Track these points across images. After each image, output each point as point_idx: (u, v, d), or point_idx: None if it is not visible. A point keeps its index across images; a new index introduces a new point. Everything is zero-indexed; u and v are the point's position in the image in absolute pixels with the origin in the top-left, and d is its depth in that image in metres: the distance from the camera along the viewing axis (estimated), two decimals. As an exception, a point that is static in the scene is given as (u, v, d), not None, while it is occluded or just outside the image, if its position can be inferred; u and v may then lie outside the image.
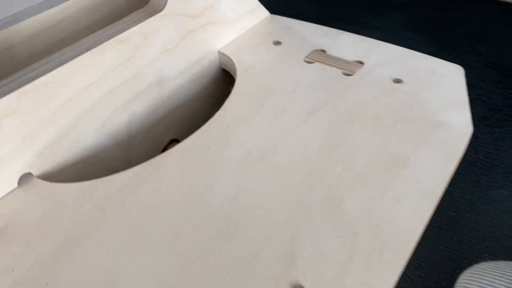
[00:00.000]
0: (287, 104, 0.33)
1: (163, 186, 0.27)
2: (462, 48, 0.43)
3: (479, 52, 0.58)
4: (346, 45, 0.39)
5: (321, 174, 0.27)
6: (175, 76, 0.36)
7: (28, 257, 0.23)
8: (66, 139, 0.29)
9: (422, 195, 0.26)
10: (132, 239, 0.24)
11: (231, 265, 0.23)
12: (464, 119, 0.31)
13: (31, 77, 0.27)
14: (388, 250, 0.23)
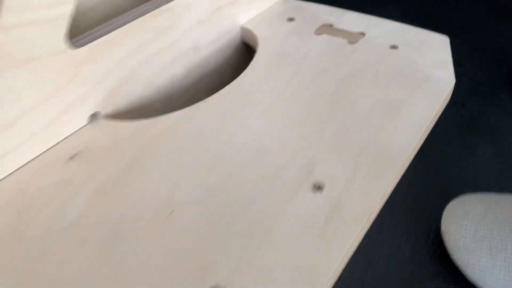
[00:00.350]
0: (301, 67, 0.40)
1: (202, 126, 0.33)
2: (452, 34, 0.49)
3: (467, 38, 0.65)
4: (350, 21, 0.46)
5: (332, 114, 0.34)
6: (206, 45, 0.43)
7: (102, 172, 0.30)
8: (123, 88, 0.36)
9: (414, 125, 0.33)
10: (182, 162, 0.30)
11: (263, 175, 0.29)
12: (448, 74, 0.38)
13: (99, 34, 0.33)
14: (387, 161, 0.30)
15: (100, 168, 0.30)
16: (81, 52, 0.31)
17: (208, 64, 0.44)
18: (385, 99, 0.35)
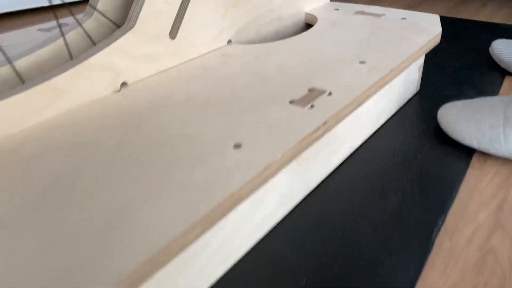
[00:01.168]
0: (347, 27, 0.65)
1: (290, 46, 0.58)
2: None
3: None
4: (374, 9, 0.72)
5: (365, 42, 0.58)
6: (286, 19, 0.69)
7: (241, 58, 0.54)
8: (246, 28, 0.61)
9: (415, 46, 0.57)
10: (290, 56, 0.55)
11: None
12: (437, 28, 0.62)
13: (235, -2, 0.59)
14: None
15: (237, 58, 0.54)
16: (230, 1, 0.57)
17: (284, 33, 0.70)
18: (401, 36, 0.60)
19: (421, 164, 0.52)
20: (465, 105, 0.56)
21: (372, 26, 0.64)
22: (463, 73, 0.75)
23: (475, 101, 0.56)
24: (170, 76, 0.49)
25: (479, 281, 0.37)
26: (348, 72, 0.49)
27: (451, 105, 0.57)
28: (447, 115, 0.56)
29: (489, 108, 0.53)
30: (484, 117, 0.53)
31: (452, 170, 0.51)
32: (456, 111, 0.56)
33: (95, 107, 0.42)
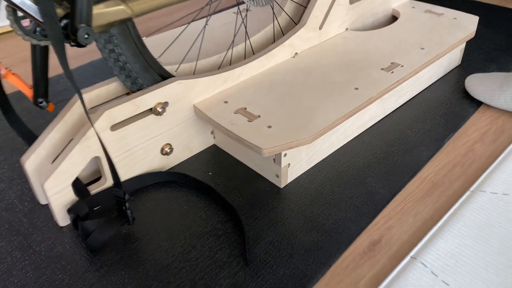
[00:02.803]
0: (416, 23, 1.06)
1: (383, 35, 1.00)
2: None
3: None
4: (439, 9, 1.11)
5: (431, 29, 1.00)
6: (380, 13, 1.10)
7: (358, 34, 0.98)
8: (359, 19, 1.04)
9: (460, 37, 0.97)
10: (390, 40, 0.98)
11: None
12: (473, 27, 1.02)
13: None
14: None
15: (351, 40, 0.98)
16: (350, 6, 1.00)
17: (379, 21, 1.12)
18: (449, 31, 1.00)
19: (449, 106, 0.95)
20: (482, 76, 0.97)
21: (432, 23, 1.04)
22: (493, 53, 1.14)
23: (488, 74, 0.97)
24: (317, 49, 0.94)
25: (463, 160, 0.81)
26: (413, 53, 0.92)
27: (473, 76, 0.98)
28: (469, 82, 0.98)
29: (494, 79, 0.94)
30: (489, 83, 0.94)
31: (467, 112, 0.93)
32: (475, 79, 0.97)
33: (286, 64, 0.89)
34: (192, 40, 0.97)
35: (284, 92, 0.80)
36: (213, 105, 0.77)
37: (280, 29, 0.96)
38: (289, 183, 0.76)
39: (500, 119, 0.92)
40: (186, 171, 0.80)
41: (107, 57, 0.67)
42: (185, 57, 0.84)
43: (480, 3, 1.44)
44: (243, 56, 0.93)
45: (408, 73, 0.86)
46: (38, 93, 0.69)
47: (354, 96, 0.79)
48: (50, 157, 0.69)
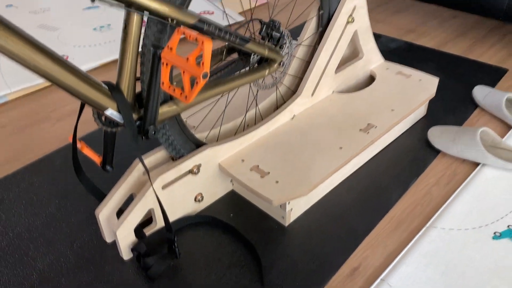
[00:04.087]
0: (389, 85, 1.32)
1: (361, 96, 1.27)
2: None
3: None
4: (408, 71, 1.38)
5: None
6: (361, 75, 1.37)
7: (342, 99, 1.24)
8: (340, 85, 1.30)
9: (418, 100, 1.24)
10: (369, 102, 1.24)
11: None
12: (434, 88, 1.28)
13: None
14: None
15: (336, 102, 1.24)
16: (338, 78, 1.26)
17: (360, 82, 1.38)
18: (416, 92, 1.26)
19: (415, 154, 1.21)
20: (440, 129, 1.24)
21: (402, 84, 1.31)
22: (452, 104, 1.41)
23: (445, 127, 1.24)
24: (310, 111, 1.20)
25: (423, 201, 1.08)
26: (385, 115, 1.18)
27: (433, 128, 1.25)
28: (430, 133, 1.24)
29: (449, 132, 1.21)
30: (445, 136, 1.21)
31: (428, 159, 1.20)
32: (435, 132, 1.24)
33: (285, 125, 1.15)
34: (216, 107, 1.23)
35: (286, 151, 1.06)
36: (234, 163, 1.02)
37: (281, 95, 1.22)
38: (291, 222, 1.02)
39: (453, 165, 1.19)
40: (213, 213, 1.05)
41: (160, 138, 0.92)
42: (213, 127, 1.10)
43: (443, 53, 1.71)
44: (254, 121, 1.18)
45: (381, 133, 1.12)
46: (106, 161, 0.94)
47: (339, 154, 1.05)
48: (116, 209, 0.94)
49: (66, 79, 0.70)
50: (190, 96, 0.70)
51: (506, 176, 1.12)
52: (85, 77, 0.73)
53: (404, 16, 2.04)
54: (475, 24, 1.92)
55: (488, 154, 1.13)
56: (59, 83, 0.69)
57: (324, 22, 1.17)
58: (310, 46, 1.21)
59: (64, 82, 0.70)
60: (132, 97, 0.83)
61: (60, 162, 1.24)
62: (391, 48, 1.75)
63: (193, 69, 0.68)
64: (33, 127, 1.40)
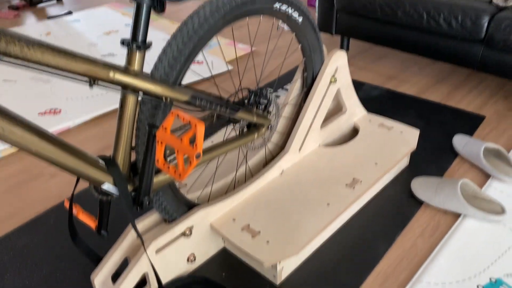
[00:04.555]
0: (372, 138, 1.38)
1: (345, 150, 1.32)
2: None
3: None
4: (389, 123, 1.44)
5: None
6: (345, 128, 1.42)
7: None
8: (327, 139, 1.36)
9: (402, 151, 1.30)
10: (353, 159, 1.29)
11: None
12: (415, 141, 1.34)
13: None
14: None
15: (323, 156, 1.29)
16: (324, 135, 1.32)
17: (344, 134, 1.43)
18: (397, 144, 1.32)
19: (399, 206, 1.26)
20: (422, 180, 1.29)
21: (384, 137, 1.37)
22: (434, 154, 1.47)
23: (427, 178, 1.29)
24: (298, 166, 1.25)
25: (408, 254, 1.12)
26: (369, 169, 1.23)
27: (416, 180, 1.30)
28: (413, 185, 1.29)
29: (431, 183, 1.26)
30: (428, 187, 1.26)
31: (412, 210, 1.24)
32: (417, 183, 1.29)
33: (274, 181, 1.19)
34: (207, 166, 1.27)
35: (276, 208, 1.09)
36: (225, 223, 1.06)
37: (270, 151, 1.27)
38: (283, 280, 1.05)
39: (437, 216, 1.23)
40: (206, 273, 1.07)
41: (153, 204, 0.95)
42: (204, 187, 1.13)
43: (423, 100, 1.79)
44: (244, 177, 1.23)
45: (366, 188, 1.17)
46: (101, 226, 0.97)
47: (327, 211, 1.09)
48: (111, 273, 0.96)
49: (66, 160, 0.73)
50: (184, 175, 0.74)
51: (487, 227, 1.17)
52: (83, 156, 0.77)
53: (385, 62, 2.13)
54: (453, 70, 2.02)
55: (468, 205, 1.18)
56: (59, 164, 0.73)
57: (308, 82, 1.23)
58: (296, 105, 1.27)
59: (65, 163, 0.74)
60: (128, 168, 0.87)
61: (54, 221, 1.26)
62: (373, 96, 1.83)
63: (186, 149, 0.72)
64: (27, 184, 1.42)
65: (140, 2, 0.75)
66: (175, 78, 0.84)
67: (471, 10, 1.56)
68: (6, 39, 0.61)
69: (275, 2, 0.97)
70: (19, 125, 0.67)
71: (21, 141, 0.67)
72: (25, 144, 0.68)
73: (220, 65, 2.12)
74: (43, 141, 0.70)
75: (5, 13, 2.84)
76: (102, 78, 0.73)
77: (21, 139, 0.67)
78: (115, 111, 1.79)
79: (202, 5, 0.87)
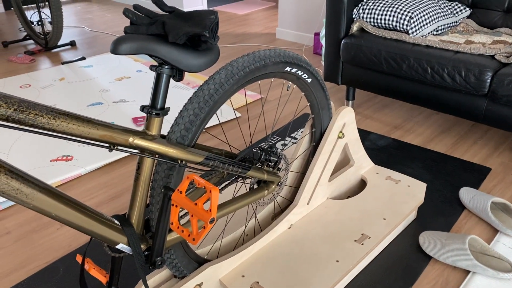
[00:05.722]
0: (379, 191, 1.39)
1: (355, 205, 1.34)
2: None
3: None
4: (396, 176, 1.46)
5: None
6: (353, 180, 1.44)
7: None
8: (333, 193, 1.38)
9: (409, 206, 1.31)
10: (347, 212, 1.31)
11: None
12: (422, 195, 1.36)
13: (330, 178, 1.36)
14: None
15: (331, 209, 1.30)
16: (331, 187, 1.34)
17: (351, 187, 1.45)
18: (405, 198, 1.34)
19: (407, 261, 1.26)
20: (430, 234, 1.29)
21: (392, 190, 1.38)
22: (441, 206, 1.48)
23: (435, 233, 1.29)
24: (306, 219, 1.26)
25: (416, 312, 1.11)
26: (378, 224, 1.24)
27: (424, 234, 1.31)
28: (421, 239, 1.30)
29: (439, 239, 1.27)
30: (436, 242, 1.26)
31: (421, 265, 1.24)
32: (426, 237, 1.29)
33: (283, 235, 1.20)
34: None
35: (285, 265, 1.10)
36: (234, 280, 1.06)
37: (278, 204, 1.29)
38: None
39: (445, 272, 1.23)
40: (214, 330, 1.07)
41: (166, 261, 0.97)
42: (214, 243, 1.15)
43: (429, 151, 1.81)
44: (253, 231, 1.24)
45: (375, 243, 1.18)
46: (112, 282, 0.98)
47: (336, 268, 1.09)
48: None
49: (84, 223, 0.76)
50: (198, 239, 0.76)
51: (497, 284, 1.16)
52: (99, 217, 0.79)
53: (390, 111, 2.17)
54: (457, 120, 2.06)
55: (477, 263, 1.18)
56: (77, 227, 0.75)
57: (316, 137, 1.27)
58: (304, 159, 1.30)
59: (82, 226, 0.76)
60: (142, 226, 0.89)
61: (63, 271, 1.26)
62: (380, 146, 1.86)
63: (201, 214, 0.74)
64: (38, 233, 1.43)
65: (160, 72, 0.79)
66: (190, 140, 0.87)
67: (475, 66, 1.61)
68: (36, 112, 0.64)
69: (286, 66, 1.01)
70: (42, 192, 0.69)
71: (44, 207, 0.70)
72: (47, 210, 0.70)
73: (228, 113, 2.16)
74: (63, 205, 0.72)
75: (21, 58, 2.94)
76: (122, 143, 0.76)
77: (44, 205, 0.69)
78: (125, 159, 1.82)
79: (217, 71, 0.92)
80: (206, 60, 0.80)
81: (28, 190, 0.67)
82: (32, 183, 0.68)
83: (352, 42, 1.92)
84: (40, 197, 0.69)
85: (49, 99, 2.34)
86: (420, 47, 1.76)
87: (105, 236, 0.80)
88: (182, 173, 0.89)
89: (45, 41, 3.10)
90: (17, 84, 2.56)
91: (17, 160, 1.78)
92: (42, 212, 0.70)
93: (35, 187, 0.68)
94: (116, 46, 0.72)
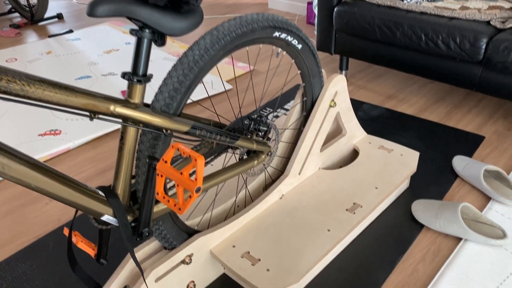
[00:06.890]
0: (372, 161, 1.38)
1: (349, 171, 1.32)
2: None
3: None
4: (389, 145, 1.44)
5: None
6: (345, 150, 1.43)
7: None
8: (326, 162, 1.36)
9: (402, 171, 1.30)
10: (352, 177, 1.29)
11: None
12: (415, 164, 1.34)
13: (322, 148, 1.34)
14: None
15: (323, 179, 1.29)
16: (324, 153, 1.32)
17: (344, 157, 1.44)
18: (397, 168, 1.32)
19: (399, 230, 1.25)
20: (423, 203, 1.29)
21: (385, 160, 1.37)
22: (433, 175, 1.47)
23: (428, 201, 1.29)
24: (298, 189, 1.25)
25: (409, 280, 1.11)
26: (370, 193, 1.23)
27: (416, 203, 1.30)
28: (413, 208, 1.29)
29: (431, 207, 1.26)
30: (428, 211, 1.25)
31: (413, 234, 1.24)
32: (418, 206, 1.28)
33: (274, 205, 1.19)
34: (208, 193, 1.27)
35: (277, 234, 1.09)
36: (225, 250, 1.05)
37: (269, 175, 1.27)
38: (283, 308, 1.04)
39: (437, 240, 1.23)
40: (206, 300, 1.06)
41: (154, 233, 0.95)
42: (204, 213, 1.13)
43: (423, 120, 1.79)
44: (244, 202, 1.22)
45: (366, 212, 1.17)
46: (101, 255, 0.96)
47: (328, 237, 1.08)
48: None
49: (66, 194, 0.73)
50: (184, 208, 0.74)
51: (488, 252, 1.16)
52: (83, 189, 0.77)
53: (384, 81, 2.14)
54: (451, 88, 2.03)
55: (469, 230, 1.18)
56: (59, 199, 0.73)
57: (308, 106, 1.24)
58: (295, 129, 1.28)
59: (64, 197, 0.73)
60: (128, 197, 0.87)
61: (53, 246, 1.25)
62: (373, 116, 1.83)
63: (187, 183, 0.72)
64: (26, 207, 1.41)
65: (141, 36, 0.76)
66: (176, 109, 0.84)
67: (470, 32, 1.58)
68: (8, 78, 0.61)
69: (274, 31, 0.98)
70: (19, 162, 0.67)
71: (22, 177, 0.67)
72: (25, 181, 0.68)
73: (218, 85, 2.12)
74: (43, 176, 0.70)
75: (6, 32, 2.86)
76: (103, 112, 0.73)
77: (22, 176, 0.67)
78: (114, 132, 1.79)
79: (202, 36, 0.88)
80: (189, 23, 0.76)
81: (4, 160, 0.64)
82: (8, 153, 0.65)
83: (345, 9, 1.87)
84: (18, 168, 0.66)
85: (36, 73, 2.28)
86: (414, 14, 1.72)
87: (90, 208, 0.78)
88: (168, 143, 0.87)
89: (31, 14, 3.02)
90: (2, 58, 2.49)
91: (5, 135, 1.74)
92: (21, 183, 0.68)
93: (11, 157, 0.65)
94: (92, 8, 0.68)
